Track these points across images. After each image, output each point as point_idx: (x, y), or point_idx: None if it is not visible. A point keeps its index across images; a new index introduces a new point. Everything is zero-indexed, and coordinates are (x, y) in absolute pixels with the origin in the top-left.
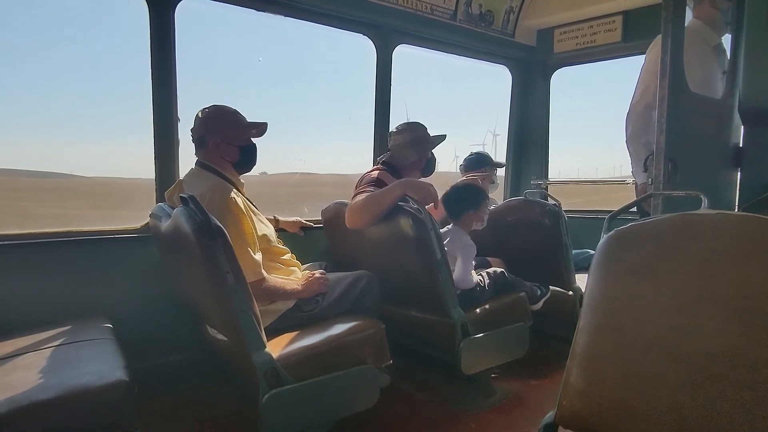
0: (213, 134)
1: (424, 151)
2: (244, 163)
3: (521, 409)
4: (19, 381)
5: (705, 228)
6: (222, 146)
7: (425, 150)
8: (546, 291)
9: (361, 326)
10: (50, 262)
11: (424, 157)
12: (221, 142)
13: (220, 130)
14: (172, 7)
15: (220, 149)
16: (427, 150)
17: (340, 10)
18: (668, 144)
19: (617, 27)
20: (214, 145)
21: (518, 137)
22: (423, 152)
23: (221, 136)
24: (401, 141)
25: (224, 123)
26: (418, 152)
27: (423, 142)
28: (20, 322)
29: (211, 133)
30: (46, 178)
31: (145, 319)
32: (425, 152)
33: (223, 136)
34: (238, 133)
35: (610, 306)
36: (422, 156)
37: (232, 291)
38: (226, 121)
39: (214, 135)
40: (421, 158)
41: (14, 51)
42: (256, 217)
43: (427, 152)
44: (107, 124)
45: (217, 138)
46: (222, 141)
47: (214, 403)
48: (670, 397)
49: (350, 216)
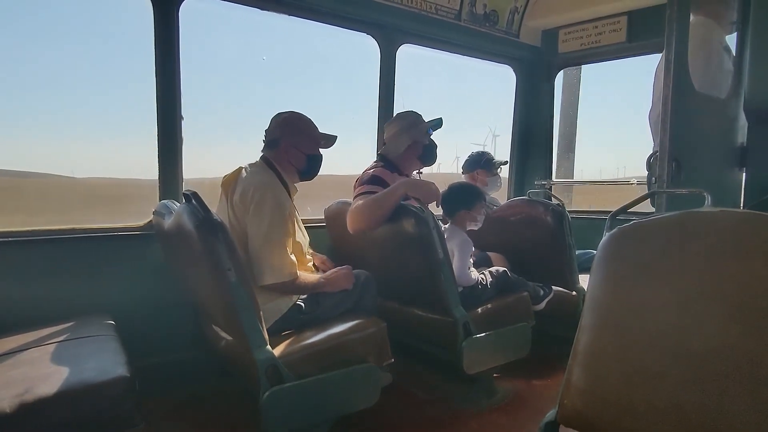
0: (287, 138)
1: (416, 135)
2: (308, 172)
3: (523, 409)
4: (22, 376)
5: (708, 226)
6: (292, 151)
7: (417, 134)
8: (549, 291)
9: (362, 325)
10: (53, 259)
11: (419, 142)
12: (292, 147)
13: (295, 136)
14: (177, 7)
15: (290, 154)
16: (420, 134)
17: (344, 9)
18: (672, 143)
19: (622, 27)
20: (285, 148)
21: (522, 137)
22: (415, 136)
23: (293, 142)
24: (393, 131)
25: (300, 130)
26: (410, 136)
27: (413, 126)
28: (23, 318)
29: (287, 137)
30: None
31: (148, 317)
32: (418, 136)
33: (295, 141)
34: (309, 141)
35: (612, 304)
36: (416, 140)
37: (234, 288)
38: (303, 129)
39: (288, 139)
40: (415, 143)
41: (19, 50)
42: (298, 225)
43: (419, 136)
44: (105, 123)
45: (289, 142)
46: (293, 146)
47: (216, 401)
48: (672, 395)
49: (352, 220)
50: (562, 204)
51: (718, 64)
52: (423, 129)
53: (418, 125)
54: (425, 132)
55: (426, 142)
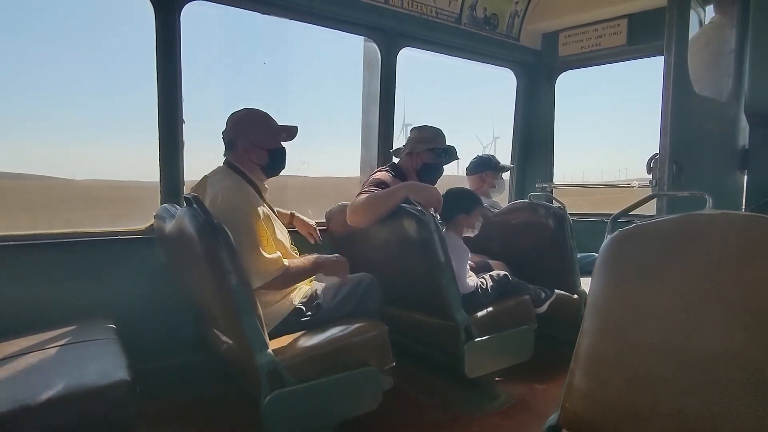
0: (243, 137)
1: (415, 147)
2: (273, 167)
3: (525, 414)
4: (24, 379)
5: (710, 228)
6: (252, 149)
7: (417, 146)
8: (551, 294)
9: (363, 328)
10: (56, 263)
11: (421, 157)
12: (251, 145)
13: (250, 134)
14: (178, 10)
15: (250, 152)
16: (421, 147)
17: (345, 13)
18: (673, 146)
19: (622, 30)
20: (244, 147)
21: (523, 140)
22: (414, 147)
23: (251, 140)
24: (409, 138)
25: (254, 126)
26: (415, 148)
27: (423, 141)
28: (26, 321)
29: (242, 136)
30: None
31: (149, 320)
32: (417, 148)
33: (253, 139)
34: (268, 137)
35: (614, 308)
36: (418, 154)
37: (235, 292)
38: (257, 125)
39: (244, 138)
40: (417, 155)
41: (20, 53)
42: (274, 223)
43: (419, 149)
44: (106, 126)
45: (247, 141)
46: (252, 144)
47: (217, 405)
48: (674, 399)
49: (351, 213)
50: (564, 207)
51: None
52: (429, 147)
53: (427, 142)
54: (432, 150)
55: (428, 160)
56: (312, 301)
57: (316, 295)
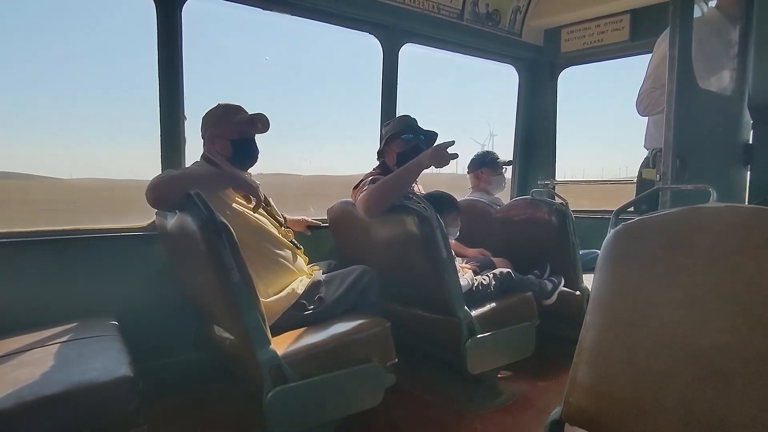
0: (211, 129)
1: (385, 142)
2: (238, 158)
3: (528, 410)
4: (26, 376)
5: (714, 221)
6: (217, 141)
7: (386, 140)
8: (558, 282)
9: (366, 324)
10: (57, 260)
11: (390, 147)
12: (217, 137)
13: (216, 126)
14: (179, 7)
15: (216, 144)
16: (390, 140)
17: (346, 9)
18: (676, 140)
19: (625, 26)
20: (211, 139)
21: (525, 137)
22: (385, 143)
23: (214, 131)
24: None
25: (220, 118)
26: (381, 144)
27: (389, 132)
28: (27, 318)
29: (210, 129)
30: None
31: (151, 317)
32: (387, 142)
33: (216, 130)
34: (229, 128)
35: (618, 302)
36: (386, 147)
37: (237, 288)
38: (219, 117)
39: (211, 130)
40: (385, 149)
41: (19, 50)
42: (243, 209)
43: (389, 142)
44: (107, 123)
45: (213, 133)
46: (217, 136)
47: (220, 402)
48: (678, 393)
49: (366, 202)
50: (566, 203)
51: (719, 60)
52: (395, 136)
53: (392, 132)
54: (400, 138)
55: (400, 149)
56: (314, 295)
57: (318, 288)
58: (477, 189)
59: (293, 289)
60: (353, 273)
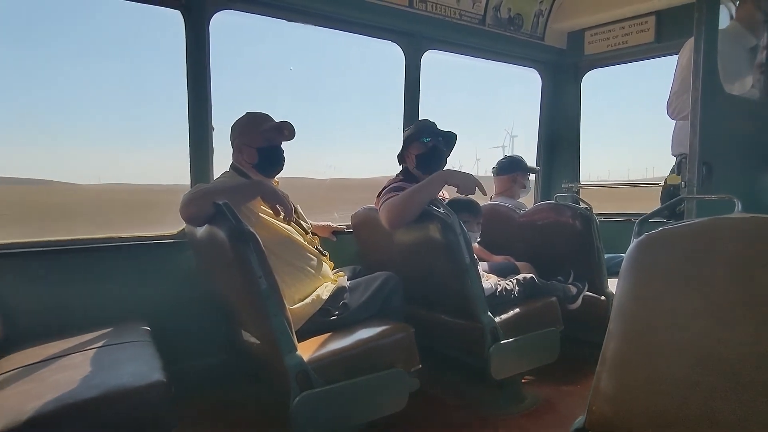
0: (238, 139)
1: (405, 146)
2: (264, 166)
3: (552, 415)
4: (65, 381)
5: (738, 232)
6: (244, 149)
7: (405, 144)
8: (582, 287)
9: (390, 330)
10: (92, 267)
11: (409, 150)
12: (243, 145)
13: (243, 135)
14: (207, 19)
15: (243, 152)
16: (408, 143)
17: (370, 18)
18: (702, 147)
19: (650, 27)
20: (238, 148)
21: (548, 140)
22: (405, 147)
23: (242, 140)
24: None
25: (246, 127)
26: (402, 150)
27: (409, 137)
28: (66, 325)
29: (237, 138)
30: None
31: (181, 323)
32: (406, 145)
33: (243, 138)
34: (255, 136)
35: (640, 311)
36: (406, 151)
37: (265, 295)
38: (247, 126)
39: (238, 140)
40: (404, 154)
41: (52, 65)
42: (270, 220)
43: (408, 144)
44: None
45: (240, 142)
46: (244, 144)
47: (247, 405)
48: (702, 403)
49: (389, 214)
50: (590, 208)
51: (741, 68)
52: (412, 139)
53: (410, 136)
54: (417, 141)
55: (419, 151)
56: (338, 300)
57: (342, 294)
58: (504, 193)
59: (318, 295)
60: (377, 279)
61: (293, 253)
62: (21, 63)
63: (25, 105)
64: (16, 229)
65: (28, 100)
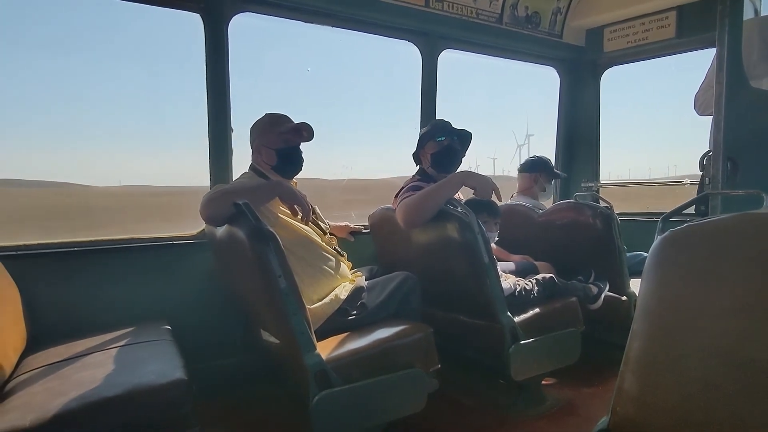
0: (257, 140)
1: (420, 145)
2: (283, 167)
3: (573, 417)
4: (88, 379)
5: (765, 228)
6: (263, 150)
7: (420, 144)
8: (603, 286)
9: (409, 330)
10: (114, 268)
11: (424, 149)
12: (262, 146)
13: (261, 136)
14: (226, 22)
15: (262, 154)
16: (423, 143)
17: (386, 18)
18: (726, 142)
19: (671, 23)
20: (257, 150)
21: (567, 139)
22: (420, 146)
23: (262, 141)
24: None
25: (264, 128)
26: (417, 149)
27: (424, 136)
28: (89, 324)
29: (256, 139)
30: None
31: (202, 322)
32: (421, 145)
33: (262, 139)
34: (272, 136)
35: (665, 311)
36: (421, 151)
37: (285, 295)
38: (266, 127)
39: (257, 141)
40: (420, 154)
41: (78, 71)
42: (289, 220)
43: (423, 144)
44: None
45: (259, 143)
46: (263, 146)
47: (266, 404)
48: (729, 405)
49: (406, 214)
50: (611, 206)
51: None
52: (426, 138)
53: (424, 136)
54: (432, 140)
55: (434, 150)
56: (356, 300)
57: (360, 293)
58: (525, 192)
59: (336, 294)
60: (395, 279)
61: (312, 253)
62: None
63: (45, 108)
64: (43, 231)
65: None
